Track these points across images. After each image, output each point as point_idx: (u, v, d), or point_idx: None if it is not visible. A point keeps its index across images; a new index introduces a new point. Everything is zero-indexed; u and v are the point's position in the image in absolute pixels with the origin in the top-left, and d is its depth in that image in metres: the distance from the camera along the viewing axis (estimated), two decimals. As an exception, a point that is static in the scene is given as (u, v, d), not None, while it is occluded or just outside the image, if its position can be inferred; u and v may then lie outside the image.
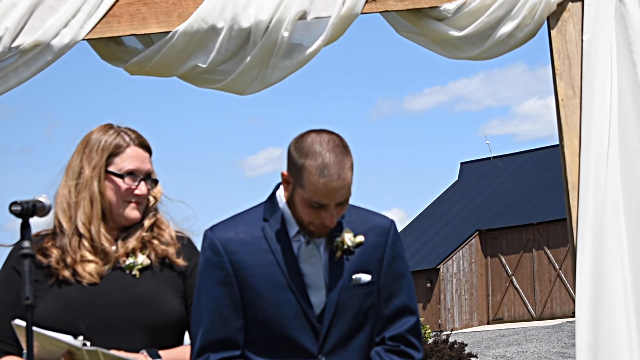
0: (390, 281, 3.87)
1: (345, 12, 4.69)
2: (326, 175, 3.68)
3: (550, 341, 32.75)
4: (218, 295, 3.80)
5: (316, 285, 3.80)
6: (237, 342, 3.81)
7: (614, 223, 4.65)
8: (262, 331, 3.80)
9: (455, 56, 4.93)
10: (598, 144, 4.70)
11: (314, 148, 3.71)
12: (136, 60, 4.69)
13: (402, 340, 3.88)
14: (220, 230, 3.83)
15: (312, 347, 3.79)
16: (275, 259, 3.79)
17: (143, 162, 4.00)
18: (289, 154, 3.78)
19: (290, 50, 4.71)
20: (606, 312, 4.59)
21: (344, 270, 3.80)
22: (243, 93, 4.79)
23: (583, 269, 4.62)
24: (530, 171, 42.77)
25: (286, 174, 3.77)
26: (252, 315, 3.80)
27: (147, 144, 4.04)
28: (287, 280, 3.77)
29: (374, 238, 3.85)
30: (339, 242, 3.82)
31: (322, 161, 3.69)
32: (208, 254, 3.81)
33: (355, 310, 3.82)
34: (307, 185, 3.69)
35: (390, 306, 3.87)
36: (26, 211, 3.56)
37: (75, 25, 4.57)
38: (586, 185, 4.67)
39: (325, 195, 3.68)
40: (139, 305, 3.91)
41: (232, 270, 3.79)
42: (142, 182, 3.98)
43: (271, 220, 3.82)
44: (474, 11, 4.78)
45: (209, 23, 4.64)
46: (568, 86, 4.83)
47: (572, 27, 4.86)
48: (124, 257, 3.96)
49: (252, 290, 3.78)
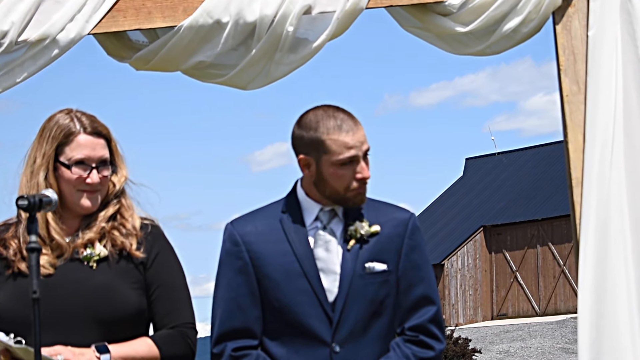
0: (409, 271, 3.91)
1: (351, 6, 4.70)
2: (345, 128, 3.82)
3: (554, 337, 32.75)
4: (236, 285, 3.88)
5: (331, 270, 3.86)
6: (254, 331, 3.87)
7: (618, 219, 4.65)
8: (278, 320, 3.86)
9: (459, 51, 4.93)
10: (602, 140, 4.70)
11: (320, 117, 3.86)
12: (141, 54, 4.69)
13: (422, 331, 3.90)
14: (240, 222, 3.93)
15: (326, 335, 3.83)
16: (292, 248, 3.86)
17: (94, 149, 3.93)
18: (297, 138, 3.88)
19: (295, 45, 4.72)
20: (609, 308, 4.59)
21: (358, 259, 3.85)
22: (246, 88, 4.79)
23: (585, 264, 4.63)
24: (535, 167, 42.76)
25: (303, 157, 3.86)
26: (269, 304, 3.86)
27: (100, 130, 3.96)
28: (302, 269, 3.84)
29: (392, 229, 3.91)
30: (353, 231, 3.87)
31: (335, 121, 3.83)
32: (227, 245, 3.91)
33: (370, 298, 3.85)
34: (331, 147, 3.81)
35: (410, 296, 3.91)
36: (33, 205, 3.58)
37: (81, 20, 4.58)
38: (590, 181, 4.67)
39: (352, 146, 3.81)
40: (92, 298, 3.87)
41: (250, 259, 3.87)
42: (93, 171, 3.92)
43: (289, 211, 3.90)
44: (478, 6, 4.78)
45: (214, 17, 4.65)
46: (573, 82, 4.82)
47: (577, 23, 4.85)
48: (82, 248, 3.93)
49: (269, 279, 3.86)
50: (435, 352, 3.90)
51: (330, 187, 3.85)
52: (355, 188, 3.84)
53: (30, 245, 3.48)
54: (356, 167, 3.83)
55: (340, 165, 3.82)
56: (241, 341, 3.86)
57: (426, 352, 3.89)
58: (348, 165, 3.83)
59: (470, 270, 40.61)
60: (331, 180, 3.83)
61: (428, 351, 3.89)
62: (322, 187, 3.86)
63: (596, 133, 4.71)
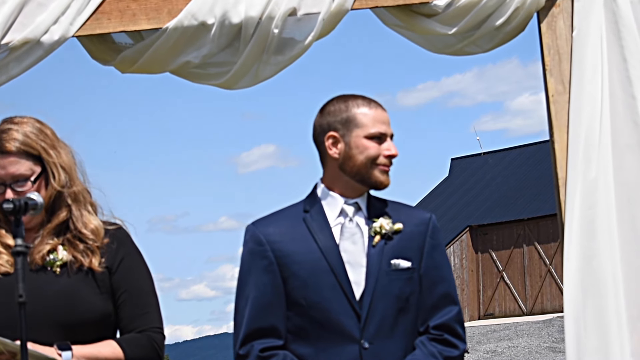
0: (431, 270, 3.92)
1: (336, 7, 4.70)
2: (373, 106, 3.92)
3: (541, 336, 32.79)
4: (261, 284, 3.86)
5: (358, 262, 3.87)
6: (280, 331, 3.87)
7: (604, 219, 4.65)
8: (306, 318, 3.85)
9: (443, 51, 4.94)
10: (587, 139, 4.70)
11: (347, 98, 3.94)
12: (126, 57, 4.68)
13: (446, 329, 3.91)
14: (262, 223, 3.94)
15: (355, 331, 3.83)
16: (317, 245, 3.86)
17: (4, 168, 3.85)
18: (322, 123, 3.93)
19: (281, 46, 4.72)
20: (595, 307, 4.59)
21: (383, 255, 3.86)
22: (232, 88, 4.79)
23: (570, 263, 4.63)
24: (520, 167, 42.81)
25: (332, 133, 3.91)
26: (296, 303, 3.86)
27: (8, 149, 3.86)
28: (329, 265, 3.84)
29: (413, 227, 3.93)
30: (378, 227, 3.89)
31: (362, 99, 3.93)
32: (251, 245, 3.90)
33: (396, 295, 3.86)
34: (363, 120, 3.88)
35: (433, 295, 3.92)
36: (19, 208, 3.55)
37: (64, 22, 4.56)
38: (574, 181, 4.68)
39: (382, 121, 3.90)
40: (57, 303, 3.85)
41: (275, 258, 3.86)
42: (7, 190, 3.85)
43: (312, 210, 3.92)
44: (463, 7, 4.78)
45: (199, 19, 4.64)
46: (558, 82, 4.83)
47: (562, 23, 4.86)
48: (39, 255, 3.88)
49: (295, 277, 3.85)
50: (459, 352, 3.91)
51: (359, 162, 3.87)
52: (382, 163, 3.88)
53: (17, 249, 3.45)
54: (384, 144, 3.89)
55: (370, 138, 3.87)
56: (268, 341, 3.85)
57: (451, 351, 3.89)
58: (377, 140, 3.88)
59: (457, 270, 40.64)
60: (359, 154, 3.87)
61: (453, 350, 3.90)
62: (350, 165, 3.89)
63: (580, 133, 4.72)
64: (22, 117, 3.96)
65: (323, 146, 3.93)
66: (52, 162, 3.91)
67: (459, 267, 40.73)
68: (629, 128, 4.73)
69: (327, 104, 3.96)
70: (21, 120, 3.94)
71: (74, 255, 3.90)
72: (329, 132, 3.91)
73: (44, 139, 3.92)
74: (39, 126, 3.94)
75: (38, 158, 3.90)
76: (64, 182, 3.92)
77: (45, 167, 3.91)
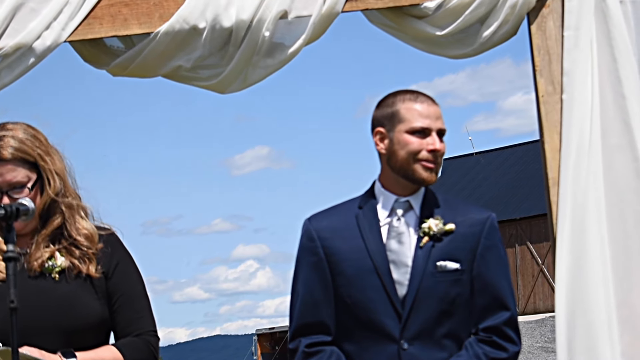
0: (483, 272, 3.89)
1: (326, 10, 4.70)
2: (419, 100, 3.91)
3: (534, 336, 32.80)
4: (311, 281, 3.91)
5: (402, 262, 3.86)
6: (329, 326, 3.90)
7: (594, 219, 4.66)
8: (349, 316, 3.87)
9: (436, 52, 4.94)
10: (578, 140, 4.72)
11: (398, 93, 3.96)
12: (118, 61, 4.69)
13: (496, 332, 3.87)
14: (316, 218, 3.97)
15: (395, 331, 3.83)
16: (365, 244, 3.87)
17: (1, 175, 3.85)
18: (375, 117, 3.96)
19: (271, 50, 4.72)
20: (586, 307, 4.60)
21: (430, 257, 3.84)
22: (224, 92, 4.79)
23: (562, 263, 4.64)
24: (512, 167, 42.84)
25: (378, 129, 3.93)
26: (341, 300, 3.88)
27: (3, 156, 3.85)
28: (374, 264, 3.84)
29: (467, 228, 3.90)
30: (426, 228, 3.88)
31: (411, 94, 3.93)
32: (304, 241, 3.95)
33: (440, 297, 3.83)
34: (406, 115, 3.88)
35: (484, 297, 3.89)
36: (10, 214, 3.54)
37: (57, 27, 4.57)
38: (566, 181, 4.69)
39: (426, 115, 3.88)
40: (58, 309, 3.86)
41: (325, 255, 3.90)
42: (4, 197, 3.85)
43: (365, 207, 3.92)
44: (453, 9, 4.78)
45: (191, 23, 4.65)
46: (548, 82, 4.84)
47: (552, 23, 4.87)
48: (37, 262, 3.89)
49: (342, 275, 3.88)
50: (508, 354, 3.87)
51: (401, 157, 3.87)
52: (424, 158, 3.86)
53: (8, 255, 3.44)
54: (428, 139, 3.87)
55: (412, 133, 3.87)
56: (315, 337, 3.88)
57: (499, 353, 3.86)
58: (420, 135, 3.87)
59: (450, 270, 40.68)
60: (401, 149, 3.87)
61: (501, 352, 3.86)
62: (394, 160, 3.89)
63: (572, 133, 4.73)
64: (14, 124, 3.95)
65: (374, 141, 3.97)
66: (48, 169, 3.91)
67: (452, 267, 40.75)
68: (619, 128, 4.74)
69: (382, 99, 3.99)
70: (14, 127, 3.93)
71: (71, 262, 3.90)
72: (377, 128, 3.94)
73: (39, 145, 3.92)
74: (32, 132, 3.94)
75: (34, 165, 3.90)
76: (59, 189, 3.92)
77: (41, 173, 3.91)
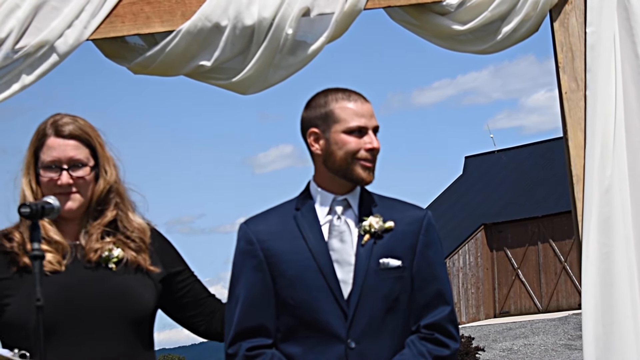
0: (423, 269, 3.88)
1: (349, 7, 4.69)
2: (353, 98, 3.87)
3: (557, 333, 32.72)
4: (251, 284, 3.86)
5: (346, 261, 3.84)
6: (269, 329, 3.86)
7: (620, 215, 4.65)
8: (292, 318, 3.84)
9: (457, 49, 4.94)
10: (602, 136, 4.70)
11: (328, 92, 3.91)
12: (140, 60, 4.68)
13: (437, 329, 3.86)
14: (253, 222, 3.92)
15: (342, 330, 3.80)
16: (306, 244, 3.84)
17: (64, 151, 3.90)
18: (307, 118, 3.91)
19: (294, 48, 4.70)
20: (614, 305, 4.59)
21: (372, 254, 3.82)
22: (245, 92, 4.77)
23: (588, 261, 4.63)
24: (534, 164, 42.72)
25: (313, 129, 3.88)
26: (284, 302, 3.84)
27: (72, 132, 3.92)
28: (317, 264, 3.82)
29: (406, 226, 3.88)
30: (367, 226, 3.85)
31: (343, 93, 3.89)
32: (242, 244, 3.90)
33: (384, 294, 3.82)
34: (341, 115, 3.85)
35: (425, 294, 3.87)
36: (35, 213, 3.56)
37: (79, 26, 4.57)
38: (591, 178, 4.68)
39: (361, 114, 3.85)
40: (115, 298, 3.89)
41: (264, 257, 3.85)
42: (63, 172, 3.89)
43: (303, 208, 3.90)
44: (476, 5, 4.78)
45: (213, 21, 4.64)
46: (571, 79, 4.83)
47: (574, 20, 4.86)
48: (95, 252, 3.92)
49: (283, 277, 3.84)
50: (450, 351, 3.86)
51: (339, 157, 3.84)
52: (363, 157, 3.84)
53: (34, 253, 3.46)
54: (365, 138, 3.85)
55: (349, 133, 3.83)
56: (255, 340, 3.84)
57: (442, 350, 3.85)
58: (357, 134, 3.84)
59: (472, 268, 40.57)
60: (338, 149, 3.83)
61: (443, 349, 3.85)
62: (332, 161, 3.85)
63: (596, 130, 4.71)
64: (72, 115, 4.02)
65: (307, 142, 3.92)
66: (105, 157, 3.96)
67: (474, 265, 40.66)
68: (643, 124, 4.73)
69: (310, 99, 3.94)
70: (73, 116, 3.99)
71: (127, 254, 3.95)
72: (310, 129, 3.89)
73: (97, 136, 3.98)
74: (90, 124, 4.00)
75: (93, 150, 3.95)
76: (115, 179, 3.97)
77: (98, 162, 3.95)
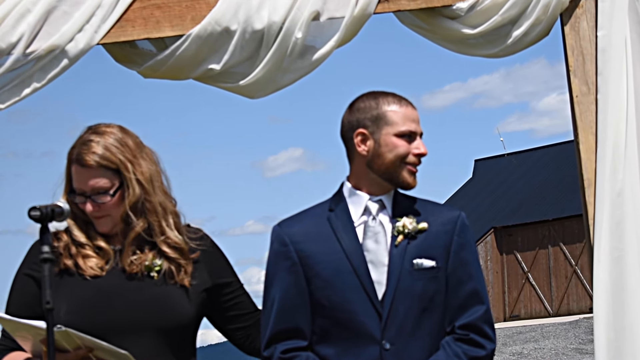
0: (458, 269, 3.88)
1: (359, 12, 4.69)
2: (404, 103, 3.92)
3: (568, 337, 32.67)
4: (285, 285, 3.86)
5: (380, 262, 3.84)
6: (304, 331, 3.86)
7: (632, 219, 4.64)
8: (327, 319, 3.83)
9: (467, 53, 4.93)
10: (614, 140, 4.69)
11: (377, 95, 3.94)
12: (150, 64, 4.69)
13: (473, 329, 3.85)
14: (287, 223, 3.93)
15: (376, 332, 3.79)
16: (341, 245, 3.84)
17: (85, 181, 3.94)
18: (351, 120, 3.92)
19: (303, 52, 4.70)
20: (625, 309, 4.57)
21: (406, 255, 3.83)
22: (254, 96, 4.77)
23: (599, 265, 4.62)
24: (544, 167, 42.68)
25: (361, 130, 3.89)
26: (318, 303, 3.84)
27: (91, 161, 3.94)
28: (351, 265, 3.81)
29: (439, 227, 3.89)
30: (401, 227, 3.86)
31: (393, 97, 3.93)
32: (275, 246, 3.90)
33: (419, 295, 3.82)
34: (393, 118, 3.88)
35: (459, 294, 3.87)
36: (45, 216, 3.58)
37: (89, 30, 4.58)
38: (602, 182, 4.66)
39: (412, 119, 3.90)
40: (155, 307, 3.92)
41: (298, 259, 3.85)
42: (87, 201, 3.95)
43: (337, 209, 3.90)
44: (486, 9, 4.77)
45: (223, 25, 4.64)
46: (582, 83, 4.82)
47: (585, 24, 4.85)
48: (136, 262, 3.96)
49: (318, 278, 3.84)
50: (486, 351, 3.85)
51: (387, 160, 3.86)
52: (410, 162, 3.88)
53: (44, 256, 3.47)
54: (414, 142, 3.89)
55: (400, 136, 3.87)
56: (290, 342, 3.84)
57: (477, 351, 3.84)
58: (407, 139, 3.88)
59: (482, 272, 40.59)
60: (388, 152, 3.86)
61: (479, 350, 3.84)
62: (379, 163, 3.87)
63: (607, 133, 4.70)
64: (107, 126, 4.03)
65: (351, 143, 3.93)
66: (129, 178, 3.96)
67: (484, 268, 40.63)
68: (654, 128, 4.72)
69: (357, 100, 3.95)
70: (105, 131, 4.01)
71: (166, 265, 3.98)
72: (358, 129, 3.90)
73: (124, 151, 3.98)
74: (121, 137, 4.01)
75: (117, 171, 3.96)
76: (139, 196, 3.96)
77: (124, 182, 3.97)
